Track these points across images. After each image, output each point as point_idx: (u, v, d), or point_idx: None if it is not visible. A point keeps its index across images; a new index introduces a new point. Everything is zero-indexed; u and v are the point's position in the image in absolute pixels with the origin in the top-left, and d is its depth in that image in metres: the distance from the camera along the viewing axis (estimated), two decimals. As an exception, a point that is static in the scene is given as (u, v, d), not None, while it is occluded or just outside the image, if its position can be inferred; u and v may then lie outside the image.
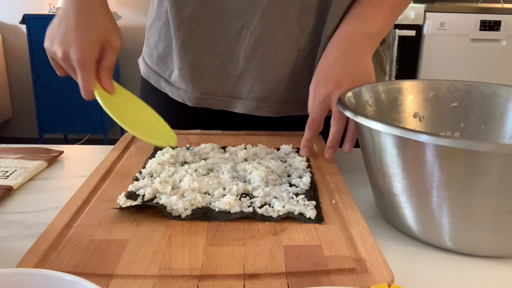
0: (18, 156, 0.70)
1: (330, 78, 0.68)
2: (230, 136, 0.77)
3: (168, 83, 0.84)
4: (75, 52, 0.64)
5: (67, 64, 0.66)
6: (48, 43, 0.68)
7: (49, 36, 0.68)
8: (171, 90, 0.84)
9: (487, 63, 2.83)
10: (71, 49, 0.64)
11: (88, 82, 0.65)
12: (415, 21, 2.74)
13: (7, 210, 0.56)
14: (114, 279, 0.39)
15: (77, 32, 0.65)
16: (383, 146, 0.48)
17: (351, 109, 0.51)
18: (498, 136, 0.62)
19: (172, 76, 0.83)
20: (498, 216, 0.44)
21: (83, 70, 0.64)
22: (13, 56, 3.33)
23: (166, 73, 0.84)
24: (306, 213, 0.50)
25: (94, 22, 0.67)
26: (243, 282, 0.39)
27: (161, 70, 0.85)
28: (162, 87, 0.85)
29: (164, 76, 0.85)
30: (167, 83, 0.85)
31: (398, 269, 0.43)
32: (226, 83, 0.80)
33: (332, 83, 0.67)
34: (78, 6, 0.67)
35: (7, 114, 3.37)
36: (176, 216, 0.50)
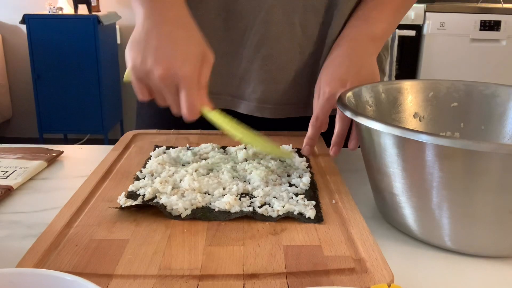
0: (18, 156, 0.70)
1: (336, 77, 0.69)
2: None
3: None
4: (180, 68, 0.56)
5: (167, 83, 0.57)
6: (136, 62, 0.58)
7: (135, 54, 0.59)
8: None
9: (487, 63, 2.82)
10: (174, 65, 0.57)
11: (195, 100, 0.57)
12: (415, 21, 2.74)
13: (7, 210, 0.56)
14: (114, 279, 0.39)
15: (178, 46, 0.58)
16: (383, 146, 0.48)
17: (351, 109, 0.51)
18: (498, 136, 0.62)
19: None
20: (498, 216, 0.44)
21: (190, 87, 0.57)
22: (13, 56, 3.33)
23: None
24: (306, 213, 0.50)
25: (191, 34, 0.61)
26: (243, 282, 0.39)
27: None
28: None
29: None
30: None
31: (398, 269, 0.43)
32: (231, 82, 0.80)
33: (337, 83, 0.68)
34: (170, 18, 0.60)
35: (7, 114, 3.37)
36: (176, 216, 0.50)
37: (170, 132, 0.79)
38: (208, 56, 0.60)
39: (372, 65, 0.72)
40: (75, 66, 2.91)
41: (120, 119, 3.38)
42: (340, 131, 0.66)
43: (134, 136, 0.77)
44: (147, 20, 0.60)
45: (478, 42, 2.79)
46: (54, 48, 2.87)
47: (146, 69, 0.57)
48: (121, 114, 3.38)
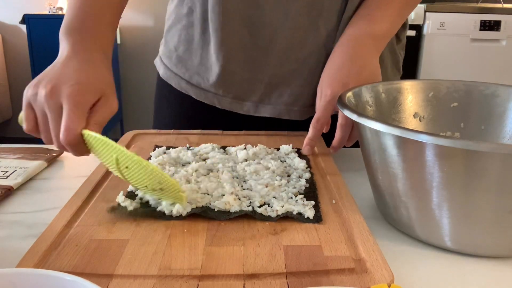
0: (18, 156, 0.70)
1: (337, 79, 0.69)
2: (230, 136, 0.77)
3: (190, 84, 0.84)
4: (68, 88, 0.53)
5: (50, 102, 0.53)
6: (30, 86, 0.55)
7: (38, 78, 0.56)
8: (195, 91, 0.84)
9: (487, 63, 2.82)
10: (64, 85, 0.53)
11: (76, 121, 0.51)
12: (415, 21, 2.74)
13: (7, 210, 0.56)
14: (114, 279, 0.39)
15: (78, 75, 0.55)
16: (383, 146, 0.48)
17: (351, 109, 0.51)
18: (498, 136, 0.62)
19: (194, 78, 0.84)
20: (498, 216, 0.44)
21: (75, 107, 0.52)
22: (13, 56, 3.33)
23: (186, 75, 0.84)
24: (305, 213, 0.50)
25: (98, 73, 0.58)
26: (243, 282, 0.39)
27: (180, 72, 0.85)
28: (183, 88, 0.85)
29: (185, 78, 0.85)
30: (190, 84, 0.84)
31: (398, 269, 0.43)
32: (256, 88, 0.81)
33: (338, 84, 0.68)
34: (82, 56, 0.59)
35: (7, 114, 3.37)
36: (177, 216, 0.50)
37: (170, 132, 0.79)
38: (111, 100, 0.56)
39: (374, 65, 0.72)
40: (75, 66, 2.90)
41: (120, 119, 3.38)
42: (340, 139, 0.67)
43: (134, 136, 0.77)
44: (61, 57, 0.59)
45: (478, 42, 2.79)
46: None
47: (36, 90, 0.54)
48: (121, 114, 3.38)
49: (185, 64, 0.84)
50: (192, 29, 0.81)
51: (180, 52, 0.84)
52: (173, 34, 0.85)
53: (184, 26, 0.82)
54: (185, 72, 0.84)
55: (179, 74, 0.85)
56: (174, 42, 0.85)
